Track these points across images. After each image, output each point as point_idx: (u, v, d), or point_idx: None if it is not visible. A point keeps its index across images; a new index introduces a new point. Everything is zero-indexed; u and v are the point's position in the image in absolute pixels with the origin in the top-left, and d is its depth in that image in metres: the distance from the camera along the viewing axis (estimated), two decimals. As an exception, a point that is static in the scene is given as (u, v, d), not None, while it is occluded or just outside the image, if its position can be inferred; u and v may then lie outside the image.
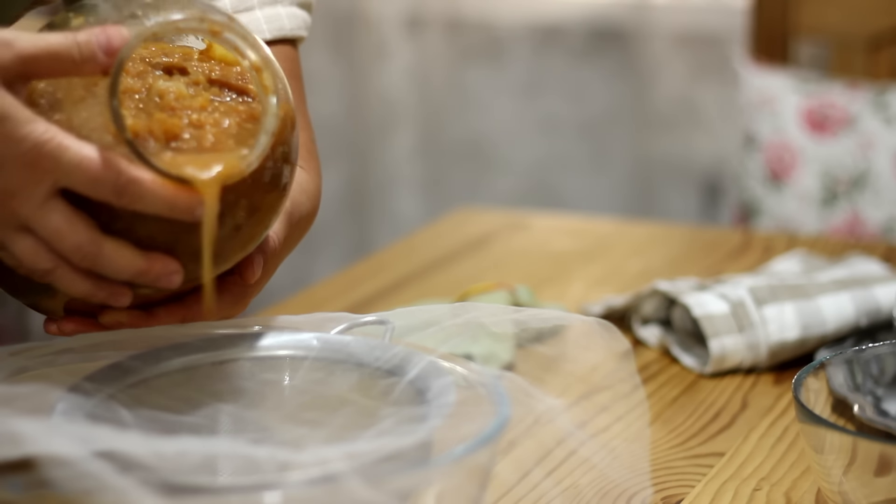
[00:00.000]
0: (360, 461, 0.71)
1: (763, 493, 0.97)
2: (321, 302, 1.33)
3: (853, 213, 1.93)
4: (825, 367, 0.95)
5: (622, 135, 2.62)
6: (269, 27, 1.00)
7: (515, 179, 2.71)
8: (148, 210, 0.78)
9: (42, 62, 0.77)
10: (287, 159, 0.84)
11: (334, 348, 0.86)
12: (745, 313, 1.17)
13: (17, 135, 0.75)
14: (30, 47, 0.76)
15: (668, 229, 1.67)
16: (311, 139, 0.98)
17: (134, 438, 0.72)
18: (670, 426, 1.08)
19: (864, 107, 1.93)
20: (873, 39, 1.98)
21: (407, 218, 2.76)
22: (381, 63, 2.74)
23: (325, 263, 2.79)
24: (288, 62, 0.99)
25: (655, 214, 2.57)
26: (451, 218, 1.64)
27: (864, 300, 1.20)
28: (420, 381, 0.81)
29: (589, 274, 1.42)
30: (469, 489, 0.75)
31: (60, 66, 0.77)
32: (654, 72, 2.56)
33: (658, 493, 0.97)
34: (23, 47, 0.76)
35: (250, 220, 0.82)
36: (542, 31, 2.65)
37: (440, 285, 1.39)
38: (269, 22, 1.00)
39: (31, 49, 0.76)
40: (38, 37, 0.77)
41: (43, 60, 0.77)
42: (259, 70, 0.82)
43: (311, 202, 0.93)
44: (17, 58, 0.76)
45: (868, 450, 0.86)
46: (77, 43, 0.77)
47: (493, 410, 0.77)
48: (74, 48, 0.77)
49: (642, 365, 1.19)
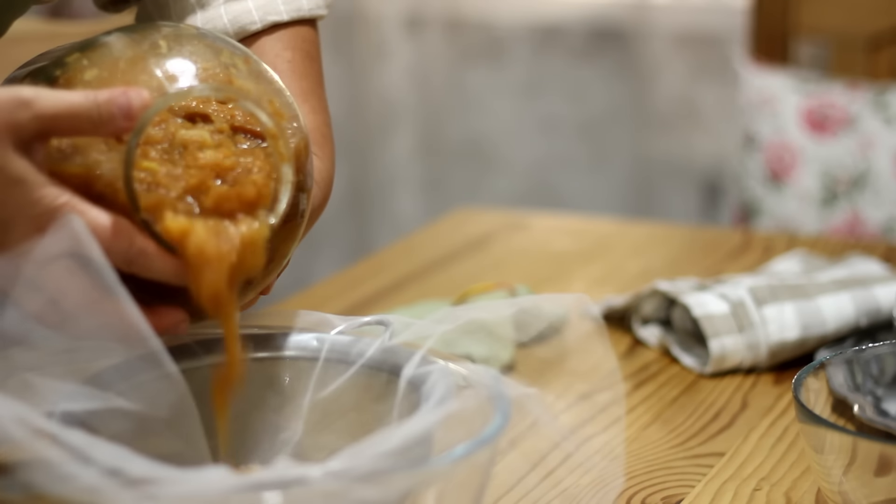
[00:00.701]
0: (359, 461, 0.71)
1: (763, 493, 0.97)
2: (321, 302, 1.33)
3: (853, 213, 1.93)
4: (825, 367, 0.95)
5: (622, 135, 2.62)
6: (286, 8, 0.97)
7: (515, 179, 2.71)
8: (157, 278, 0.78)
9: (61, 123, 0.76)
10: (303, 188, 0.84)
11: (334, 349, 0.86)
12: (745, 313, 1.17)
13: (30, 198, 0.75)
14: (49, 108, 0.76)
15: (668, 229, 1.67)
16: (327, 123, 0.96)
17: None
18: (670, 426, 1.08)
19: (864, 107, 1.93)
20: (873, 39, 1.98)
21: (407, 218, 2.76)
22: (381, 63, 2.74)
23: (325, 263, 2.79)
24: (306, 44, 0.97)
25: (655, 214, 2.57)
26: (451, 218, 1.64)
27: (864, 300, 1.20)
28: (419, 381, 0.81)
29: (589, 274, 1.42)
30: (469, 489, 0.75)
31: (79, 127, 0.77)
32: (653, 72, 2.56)
33: (658, 493, 0.97)
34: (41, 108, 0.75)
35: (272, 254, 0.82)
36: (542, 31, 2.65)
37: (440, 285, 1.39)
38: (286, 3, 0.98)
39: (50, 110, 0.76)
40: (58, 96, 0.76)
41: (62, 121, 0.76)
42: (274, 137, 0.81)
43: (322, 192, 0.92)
44: (35, 118, 0.75)
45: (868, 450, 0.86)
46: (97, 104, 0.76)
47: (493, 410, 0.77)
48: (94, 110, 0.76)
49: (642, 365, 1.19)
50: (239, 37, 0.97)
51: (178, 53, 0.82)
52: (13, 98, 0.75)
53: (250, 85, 0.83)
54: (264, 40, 0.97)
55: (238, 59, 0.85)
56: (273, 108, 0.83)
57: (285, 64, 0.96)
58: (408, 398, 0.81)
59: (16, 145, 0.75)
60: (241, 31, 0.97)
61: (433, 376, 0.80)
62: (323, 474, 0.70)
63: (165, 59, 0.82)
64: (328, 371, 0.85)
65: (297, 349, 0.86)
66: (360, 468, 0.70)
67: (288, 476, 0.70)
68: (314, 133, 0.93)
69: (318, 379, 0.86)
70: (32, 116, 0.75)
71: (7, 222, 0.76)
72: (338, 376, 0.85)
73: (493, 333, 1.13)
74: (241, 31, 0.97)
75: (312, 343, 0.86)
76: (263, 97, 0.83)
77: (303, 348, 0.86)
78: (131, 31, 0.84)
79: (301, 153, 0.83)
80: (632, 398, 1.13)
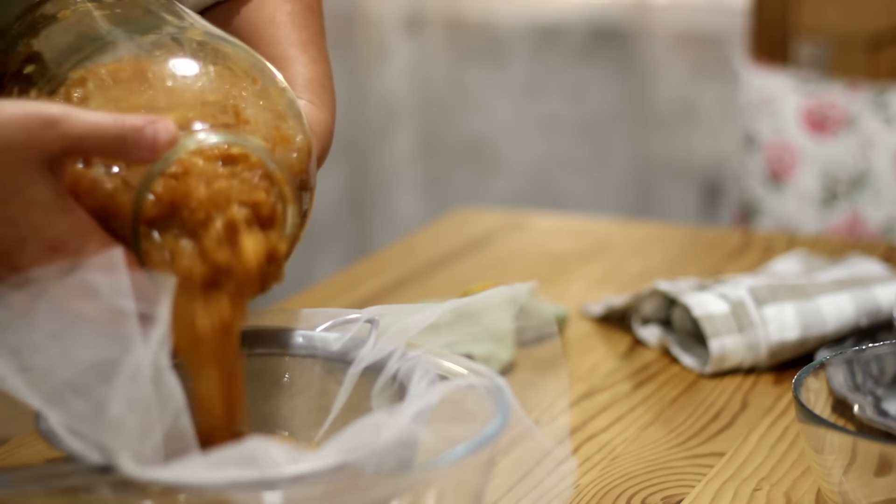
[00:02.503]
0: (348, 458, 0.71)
1: (763, 493, 0.97)
2: (321, 302, 1.33)
3: (853, 213, 1.93)
4: (825, 367, 0.95)
5: (622, 135, 2.62)
6: None
7: (515, 179, 2.71)
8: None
9: (86, 144, 0.76)
10: (306, 186, 0.84)
11: (319, 346, 0.86)
12: (746, 313, 1.17)
13: (46, 222, 0.75)
14: (76, 129, 0.75)
15: (668, 229, 1.67)
16: (327, 74, 0.95)
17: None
18: (670, 426, 1.08)
19: (864, 107, 1.93)
20: (873, 39, 1.98)
21: (407, 218, 2.76)
22: (381, 63, 2.74)
23: (325, 263, 2.79)
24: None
25: (655, 214, 2.57)
26: (451, 218, 1.64)
27: (864, 300, 1.20)
28: (405, 378, 0.81)
29: (589, 274, 1.42)
30: (469, 489, 0.75)
31: (104, 150, 0.76)
32: (653, 72, 2.56)
33: (658, 493, 0.97)
34: (69, 128, 0.75)
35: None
36: (542, 31, 2.65)
37: (440, 285, 1.38)
38: None
39: (76, 131, 0.75)
40: (86, 118, 0.75)
41: (87, 142, 0.75)
42: (281, 183, 0.81)
43: (321, 144, 0.90)
44: (61, 138, 0.75)
45: (868, 450, 0.86)
46: (124, 131, 0.76)
47: (493, 410, 0.77)
48: (121, 137, 0.76)
49: (642, 365, 1.19)
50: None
51: (182, 83, 0.82)
52: (39, 117, 0.74)
53: (257, 113, 0.83)
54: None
55: (246, 82, 0.84)
56: (279, 134, 0.83)
57: (285, 16, 0.96)
58: (394, 395, 0.81)
59: (39, 164, 0.75)
60: None
61: (418, 373, 0.80)
62: (319, 471, 0.70)
63: (170, 88, 0.82)
64: (313, 368, 0.86)
65: (282, 346, 0.87)
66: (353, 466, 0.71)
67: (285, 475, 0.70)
68: (313, 84, 0.92)
69: (305, 377, 0.86)
70: (59, 136, 0.75)
71: (21, 242, 0.76)
72: (322, 373, 0.85)
73: (493, 333, 1.13)
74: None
75: (297, 340, 0.86)
76: (270, 123, 0.83)
77: (288, 345, 0.86)
78: (133, 29, 0.84)
79: (304, 152, 0.84)
80: (632, 398, 1.13)
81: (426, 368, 0.81)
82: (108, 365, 0.74)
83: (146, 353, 0.73)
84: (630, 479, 0.99)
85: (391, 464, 0.74)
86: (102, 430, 0.73)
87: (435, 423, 0.76)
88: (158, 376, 0.74)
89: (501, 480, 0.85)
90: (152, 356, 0.73)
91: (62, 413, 0.74)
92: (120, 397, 0.72)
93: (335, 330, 0.87)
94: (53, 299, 0.74)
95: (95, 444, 0.73)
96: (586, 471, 1.00)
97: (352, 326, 0.87)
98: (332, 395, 0.85)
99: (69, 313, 0.75)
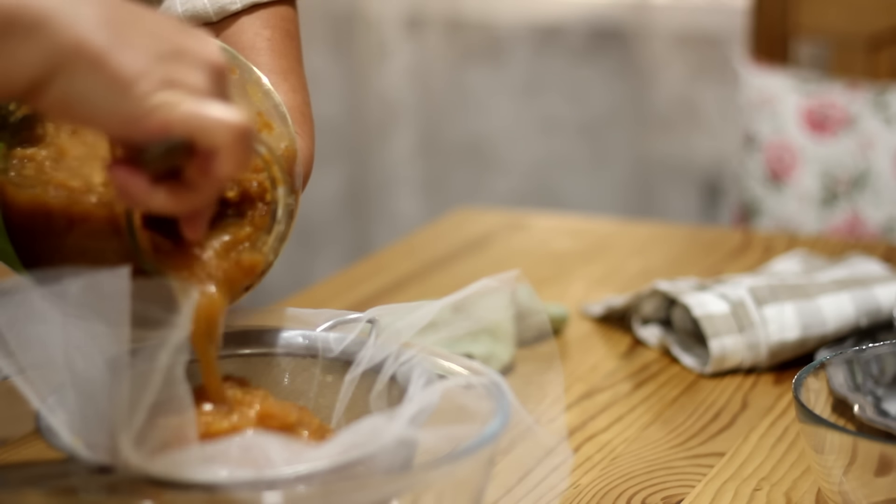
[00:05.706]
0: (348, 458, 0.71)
1: (763, 493, 0.97)
2: (321, 302, 1.33)
3: (853, 213, 1.93)
4: (825, 367, 0.95)
5: (622, 135, 2.62)
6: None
7: (515, 179, 2.71)
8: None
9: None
10: (292, 189, 0.84)
11: (320, 346, 0.86)
12: (746, 313, 1.17)
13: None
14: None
15: (668, 229, 1.67)
16: (306, 102, 0.96)
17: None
18: (670, 426, 1.08)
19: (864, 107, 1.93)
20: (873, 39, 1.98)
21: (407, 218, 2.76)
22: (381, 63, 2.74)
23: (325, 263, 2.79)
24: (286, 22, 0.97)
25: (655, 214, 2.57)
26: (451, 218, 1.64)
27: (864, 300, 1.20)
28: (404, 378, 0.81)
29: (589, 274, 1.42)
30: (469, 489, 0.75)
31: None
32: (653, 72, 2.56)
33: (658, 493, 0.97)
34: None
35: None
36: (542, 31, 2.65)
37: (440, 285, 1.38)
38: None
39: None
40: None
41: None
42: (270, 163, 0.81)
43: (303, 171, 0.91)
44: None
45: (868, 450, 0.86)
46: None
47: (493, 410, 0.77)
48: None
49: (642, 365, 1.19)
50: (219, 16, 0.97)
51: None
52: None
53: (239, 100, 0.83)
54: (244, 19, 0.97)
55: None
56: (262, 121, 0.83)
57: (265, 42, 0.96)
58: (394, 396, 0.81)
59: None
60: (220, 10, 0.97)
61: (417, 373, 0.80)
62: (319, 472, 0.70)
63: None
64: (313, 368, 0.86)
65: (282, 346, 0.87)
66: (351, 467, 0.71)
67: (285, 475, 0.70)
68: (294, 112, 0.92)
69: (304, 376, 0.86)
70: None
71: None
72: (323, 373, 0.85)
73: (493, 333, 1.13)
74: (221, 11, 0.97)
75: (298, 340, 0.86)
76: (252, 110, 0.83)
77: (289, 345, 0.86)
78: None
79: (290, 158, 0.84)
80: (632, 398, 1.13)
81: (425, 368, 0.81)
82: (108, 365, 0.74)
83: (161, 355, 0.73)
84: (630, 479, 0.99)
85: (391, 464, 0.74)
86: (104, 420, 0.73)
87: (435, 423, 0.76)
88: (171, 378, 0.74)
89: (501, 480, 0.85)
90: (167, 360, 0.73)
91: (62, 413, 0.75)
92: (122, 394, 0.73)
93: (336, 330, 0.87)
94: (54, 300, 0.74)
95: (95, 443, 0.73)
96: (586, 471, 1.00)
97: (352, 327, 0.87)
98: (333, 395, 0.85)
99: (69, 313, 0.75)
